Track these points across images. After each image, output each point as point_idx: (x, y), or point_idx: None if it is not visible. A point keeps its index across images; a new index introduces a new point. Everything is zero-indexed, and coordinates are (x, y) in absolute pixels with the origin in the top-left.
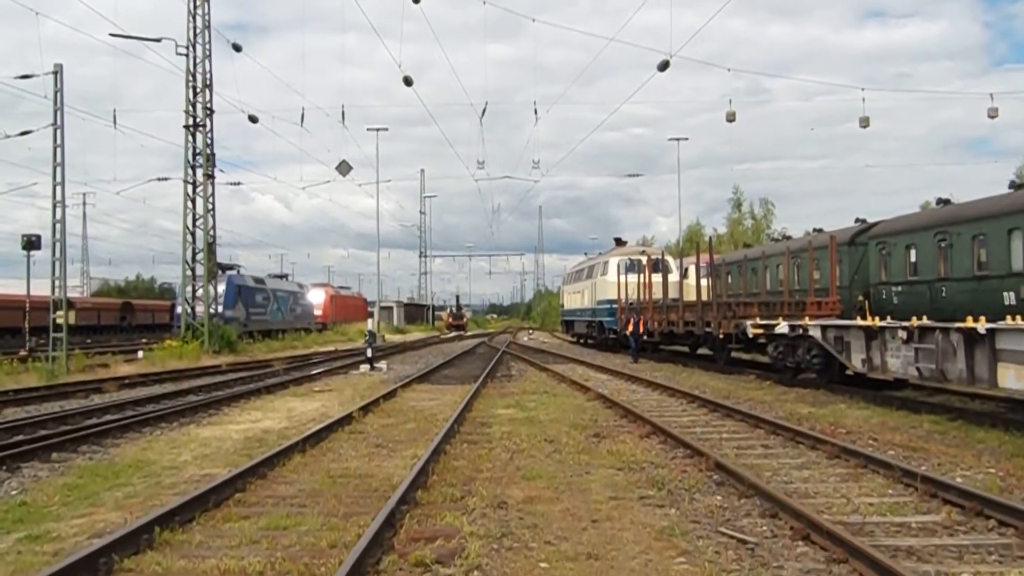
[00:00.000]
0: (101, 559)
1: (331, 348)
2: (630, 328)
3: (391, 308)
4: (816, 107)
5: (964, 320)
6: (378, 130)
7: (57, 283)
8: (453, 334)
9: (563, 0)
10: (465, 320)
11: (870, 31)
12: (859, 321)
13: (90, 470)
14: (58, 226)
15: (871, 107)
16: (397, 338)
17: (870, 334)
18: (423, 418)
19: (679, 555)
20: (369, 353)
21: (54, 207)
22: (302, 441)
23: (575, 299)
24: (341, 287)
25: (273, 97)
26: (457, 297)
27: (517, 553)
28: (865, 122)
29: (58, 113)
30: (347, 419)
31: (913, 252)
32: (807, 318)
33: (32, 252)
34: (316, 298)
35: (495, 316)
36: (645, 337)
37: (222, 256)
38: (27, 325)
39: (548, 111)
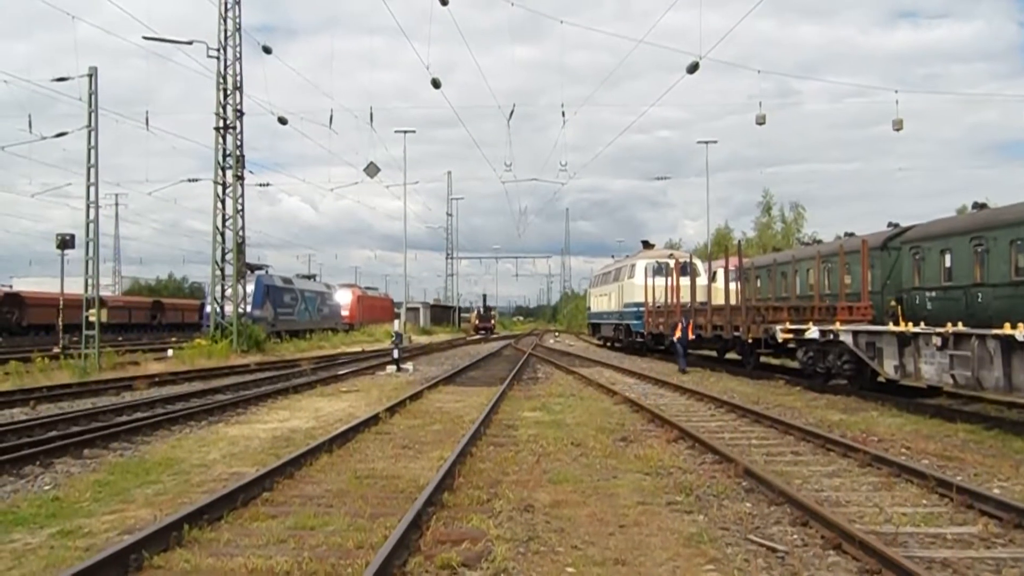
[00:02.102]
0: (132, 555)
1: (358, 349)
2: (677, 334)
3: (418, 309)
4: (846, 109)
5: (1001, 327)
6: (405, 132)
7: (90, 282)
8: (480, 336)
9: (587, 2)
10: (493, 322)
11: (901, 32)
12: (892, 327)
13: (121, 467)
14: (91, 226)
15: (902, 109)
16: (423, 339)
17: (903, 340)
18: (449, 420)
19: (707, 562)
20: (396, 354)
21: (87, 207)
22: (329, 441)
23: (602, 302)
24: (368, 288)
25: (301, 99)
26: (484, 297)
27: (544, 557)
28: (898, 124)
29: (92, 115)
30: (374, 420)
31: (948, 257)
32: (838, 323)
33: (66, 251)
34: (343, 299)
35: (521, 318)
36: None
37: (250, 256)
38: (60, 323)
39: (576, 113)
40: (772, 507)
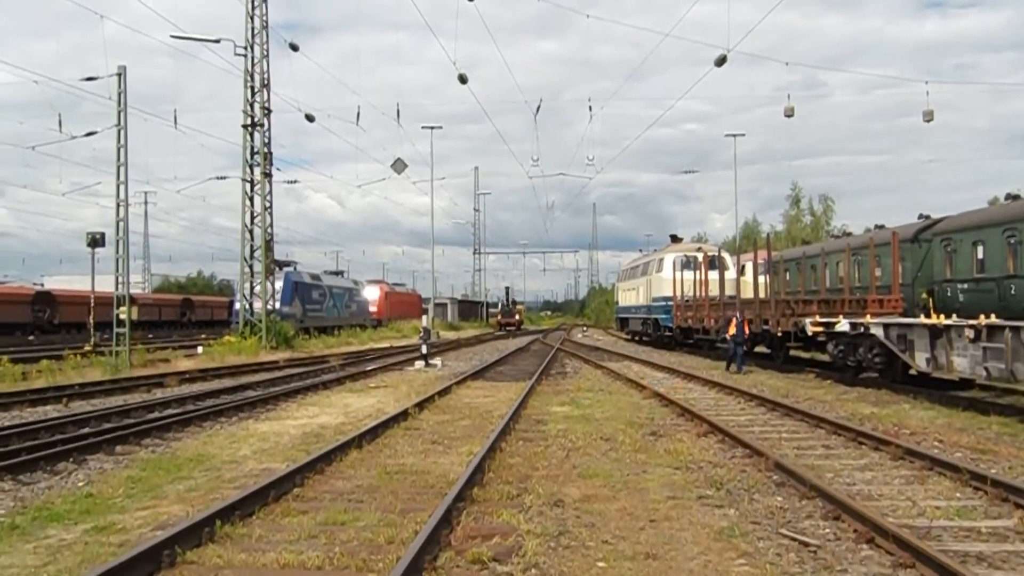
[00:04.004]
0: (165, 551)
1: (386, 344)
2: (731, 331)
3: (445, 305)
4: (874, 101)
5: None
6: (432, 128)
7: (120, 280)
8: (505, 333)
9: None
10: (518, 317)
11: (929, 22)
12: (923, 319)
13: (153, 463)
14: (121, 224)
15: (931, 100)
16: (451, 335)
17: (935, 333)
18: (478, 415)
19: (739, 556)
20: (424, 349)
21: (117, 206)
22: (359, 437)
23: (630, 296)
24: (396, 284)
25: (326, 96)
26: (507, 289)
27: (574, 552)
28: (929, 115)
29: (121, 114)
30: (403, 415)
31: (980, 249)
32: (869, 316)
33: (96, 249)
34: (371, 295)
35: (548, 313)
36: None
37: (278, 253)
38: (92, 320)
39: (603, 108)
40: (804, 501)
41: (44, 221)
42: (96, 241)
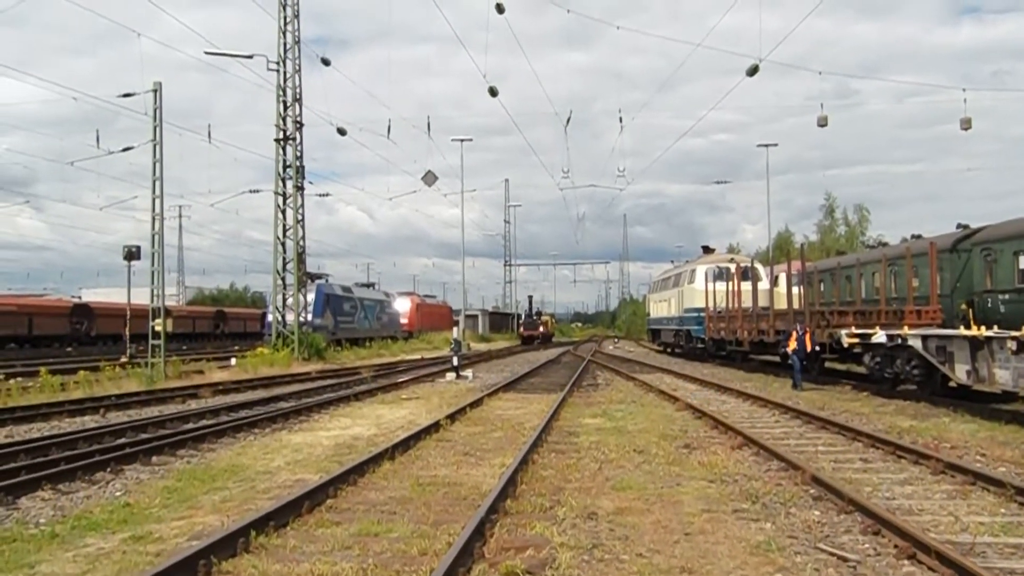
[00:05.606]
0: (201, 561)
1: (417, 356)
2: (791, 345)
3: (476, 317)
4: (909, 109)
5: None
6: (462, 140)
7: (155, 292)
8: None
9: (636, 6)
10: (543, 329)
11: (966, 28)
12: (963, 331)
13: (188, 473)
14: (156, 237)
15: (968, 107)
16: (482, 347)
17: (975, 344)
18: (510, 427)
19: (776, 571)
20: (455, 361)
21: (153, 219)
22: (391, 448)
23: (661, 307)
24: (427, 296)
25: (357, 109)
26: (530, 298)
27: (608, 565)
28: (967, 123)
29: (157, 129)
30: (435, 427)
31: (1022, 259)
32: (906, 327)
33: (132, 262)
34: (402, 307)
35: (579, 325)
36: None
37: (310, 265)
38: (127, 332)
39: (633, 119)
40: (842, 515)
41: (81, 235)
42: (132, 254)
